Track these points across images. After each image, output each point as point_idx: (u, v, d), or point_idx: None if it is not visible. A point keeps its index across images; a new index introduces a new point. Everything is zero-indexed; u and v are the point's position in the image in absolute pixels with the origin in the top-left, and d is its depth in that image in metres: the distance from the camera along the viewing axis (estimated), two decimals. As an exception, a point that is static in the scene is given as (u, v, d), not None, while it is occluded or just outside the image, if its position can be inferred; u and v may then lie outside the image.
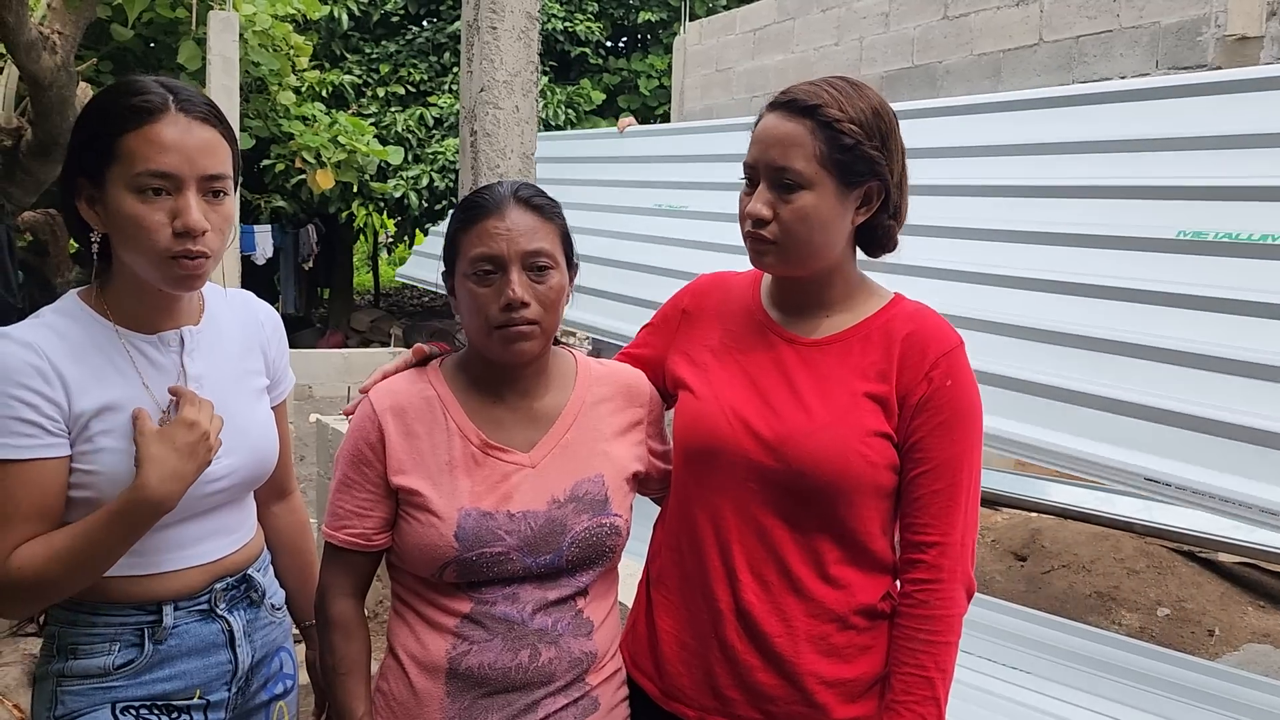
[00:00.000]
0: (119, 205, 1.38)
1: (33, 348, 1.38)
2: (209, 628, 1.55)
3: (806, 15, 8.51)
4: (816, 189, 1.45)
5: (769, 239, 1.47)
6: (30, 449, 1.36)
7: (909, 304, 1.56)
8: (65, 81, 5.76)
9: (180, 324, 1.54)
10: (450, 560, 1.45)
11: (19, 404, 1.35)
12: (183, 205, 1.37)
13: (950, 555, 1.47)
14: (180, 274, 1.40)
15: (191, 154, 1.38)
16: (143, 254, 1.39)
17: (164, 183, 1.37)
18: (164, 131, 1.37)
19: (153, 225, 1.37)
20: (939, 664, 1.46)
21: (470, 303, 1.47)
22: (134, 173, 1.36)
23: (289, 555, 1.83)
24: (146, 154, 1.36)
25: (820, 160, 1.44)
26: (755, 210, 1.46)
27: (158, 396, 1.48)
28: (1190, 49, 5.70)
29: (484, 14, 3.23)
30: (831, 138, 1.43)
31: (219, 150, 1.42)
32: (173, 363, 1.51)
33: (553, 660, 1.49)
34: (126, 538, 1.38)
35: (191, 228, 1.37)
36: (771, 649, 1.50)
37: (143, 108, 1.37)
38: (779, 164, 1.45)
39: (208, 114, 1.42)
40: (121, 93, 1.40)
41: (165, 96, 1.39)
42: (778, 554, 1.50)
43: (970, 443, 1.49)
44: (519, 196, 1.49)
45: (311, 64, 11.77)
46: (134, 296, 1.48)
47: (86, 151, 1.40)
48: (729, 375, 1.57)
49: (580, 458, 1.54)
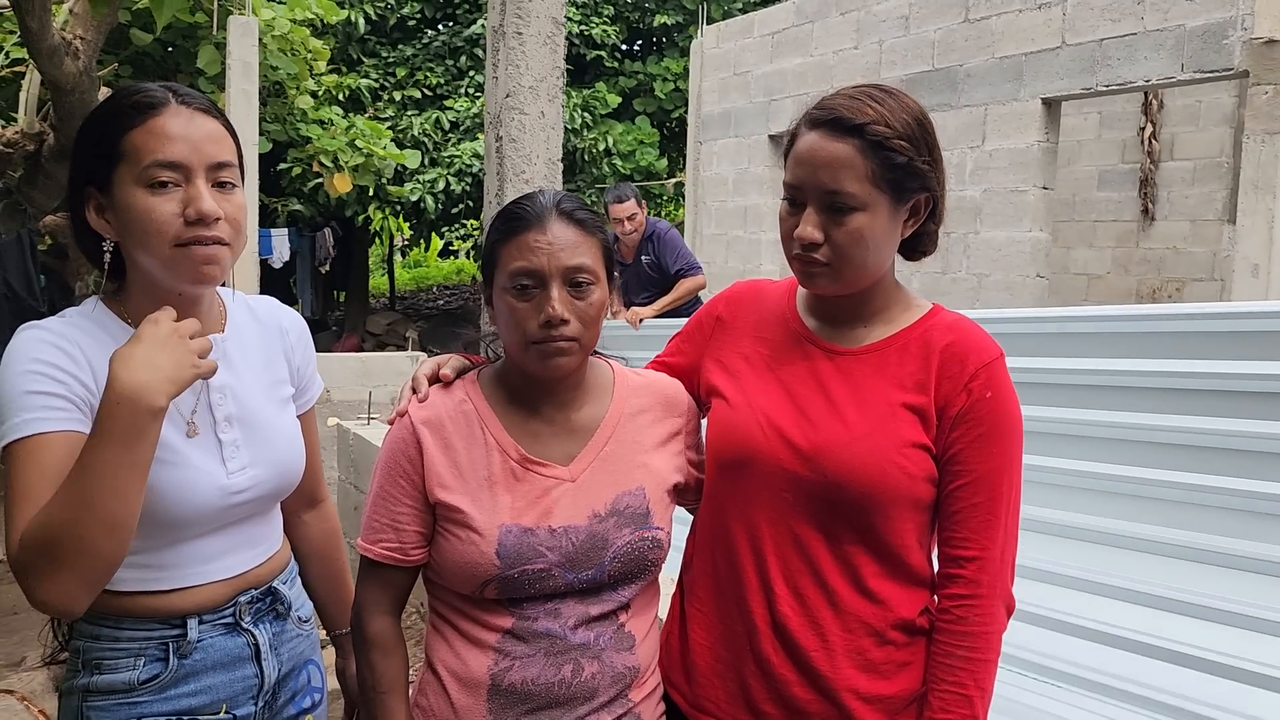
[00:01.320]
0: (129, 202, 1.36)
1: (60, 334, 1.37)
2: (234, 641, 1.53)
3: (825, 19, 8.48)
4: (870, 210, 1.41)
5: (821, 261, 1.44)
6: (57, 421, 1.31)
7: (948, 314, 1.54)
8: (87, 86, 5.78)
9: (204, 333, 1.51)
10: (491, 578, 1.43)
11: (42, 378, 1.32)
12: (194, 193, 1.36)
13: (990, 570, 1.44)
14: (195, 262, 1.37)
15: (197, 142, 1.37)
16: (154, 250, 1.37)
17: (173, 173, 1.36)
18: (168, 123, 1.37)
19: (164, 216, 1.35)
20: (978, 682, 1.43)
21: (509, 317, 1.45)
22: (142, 166, 1.35)
23: (321, 563, 1.81)
24: (153, 146, 1.35)
25: (872, 180, 1.40)
26: (807, 235, 1.43)
27: (180, 405, 1.46)
28: (1216, 52, 5.65)
29: (509, 19, 3.22)
30: (883, 157, 1.40)
31: (224, 140, 1.42)
32: None
33: (595, 675, 1.47)
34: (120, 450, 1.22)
35: (205, 213, 1.35)
36: (808, 663, 1.47)
37: (144, 103, 1.37)
38: (830, 187, 1.41)
39: (208, 106, 1.43)
40: (120, 96, 1.41)
41: (165, 93, 1.40)
42: (814, 566, 1.47)
43: (1010, 456, 1.46)
44: (561, 209, 1.46)
45: (328, 68, 11.81)
46: (153, 304, 1.44)
47: (91, 158, 1.40)
48: (764, 384, 1.55)
49: (621, 470, 1.52)
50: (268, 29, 8.58)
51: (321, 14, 9.52)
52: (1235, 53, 5.56)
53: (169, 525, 1.44)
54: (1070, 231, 10.45)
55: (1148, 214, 10.10)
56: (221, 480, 1.47)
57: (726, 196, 9.83)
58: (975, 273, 6.92)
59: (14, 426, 1.31)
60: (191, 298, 1.47)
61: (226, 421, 1.50)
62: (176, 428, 1.45)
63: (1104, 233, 10.42)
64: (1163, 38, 5.92)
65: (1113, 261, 10.34)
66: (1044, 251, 6.76)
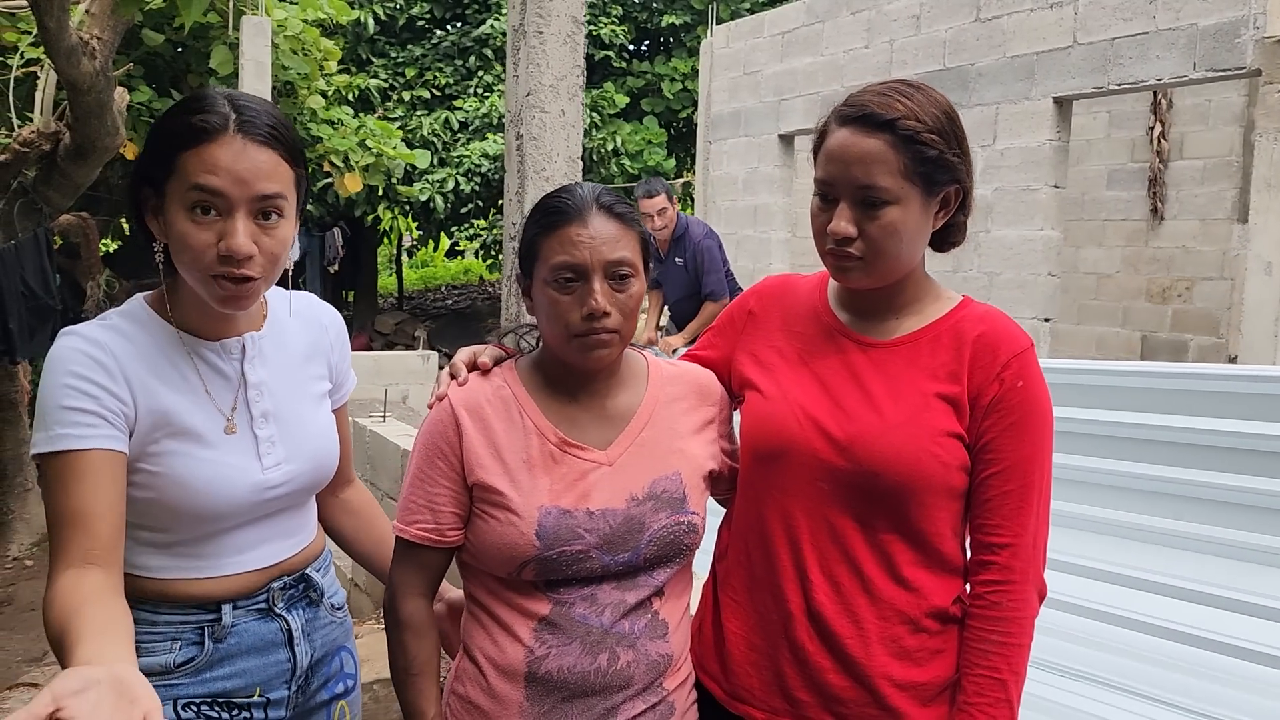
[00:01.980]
0: (173, 221, 1.38)
1: (98, 344, 1.39)
2: (267, 626, 1.56)
3: (836, 18, 8.49)
4: (902, 203, 1.44)
5: (856, 255, 1.47)
6: (90, 439, 1.35)
7: (978, 306, 1.56)
8: (103, 86, 5.81)
9: (242, 331, 1.54)
10: (530, 559, 1.45)
11: (78, 394, 1.35)
12: (229, 229, 1.37)
13: (1022, 557, 1.46)
14: (222, 295, 1.40)
15: (243, 176, 1.37)
16: (188, 271, 1.40)
17: (213, 201, 1.36)
18: (218, 154, 1.36)
19: (199, 245, 1.37)
20: (1012, 666, 1.46)
21: (551, 310, 1.47)
22: (186, 189, 1.36)
23: (369, 526, 1.83)
24: (199, 174, 1.35)
25: (905, 174, 1.43)
26: (841, 229, 1.45)
27: (219, 403, 1.49)
28: (1229, 51, 5.65)
29: (530, 18, 3.24)
30: (914, 151, 1.43)
31: (275, 173, 1.40)
32: (234, 370, 1.52)
33: (631, 664, 1.49)
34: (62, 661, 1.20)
35: (234, 251, 1.36)
36: (843, 651, 1.50)
37: (200, 127, 1.36)
38: (863, 182, 1.43)
39: (268, 136, 1.40)
40: (186, 109, 1.40)
41: (227, 117, 1.37)
42: (849, 555, 1.50)
43: (1041, 444, 1.49)
44: (601, 203, 1.48)
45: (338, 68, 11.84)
46: (196, 304, 1.48)
47: (151, 163, 1.41)
48: (797, 376, 1.57)
49: (658, 455, 1.54)
50: (280, 29, 8.60)
51: (334, 14, 9.55)
52: (1248, 52, 5.56)
53: (206, 519, 1.47)
54: (1079, 231, 10.44)
55: (1157, 213, 10.08)
56: (257, 476, 1.50)
57: (736, 196, 9.85)
58: (986, 271, 6.93)
59: (49, 439, 1.35)
60: None
61: (263, 417, 1.53)
62: (216, 424, 1.48)
63: (1113, 232, 10.42)
64: (1175, 37, 5.92)
65: (1122, 261, 10.33)
66: (1055, 250, 6.77)
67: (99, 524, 1.34)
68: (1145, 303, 10.16)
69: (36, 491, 6.86)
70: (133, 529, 1.43)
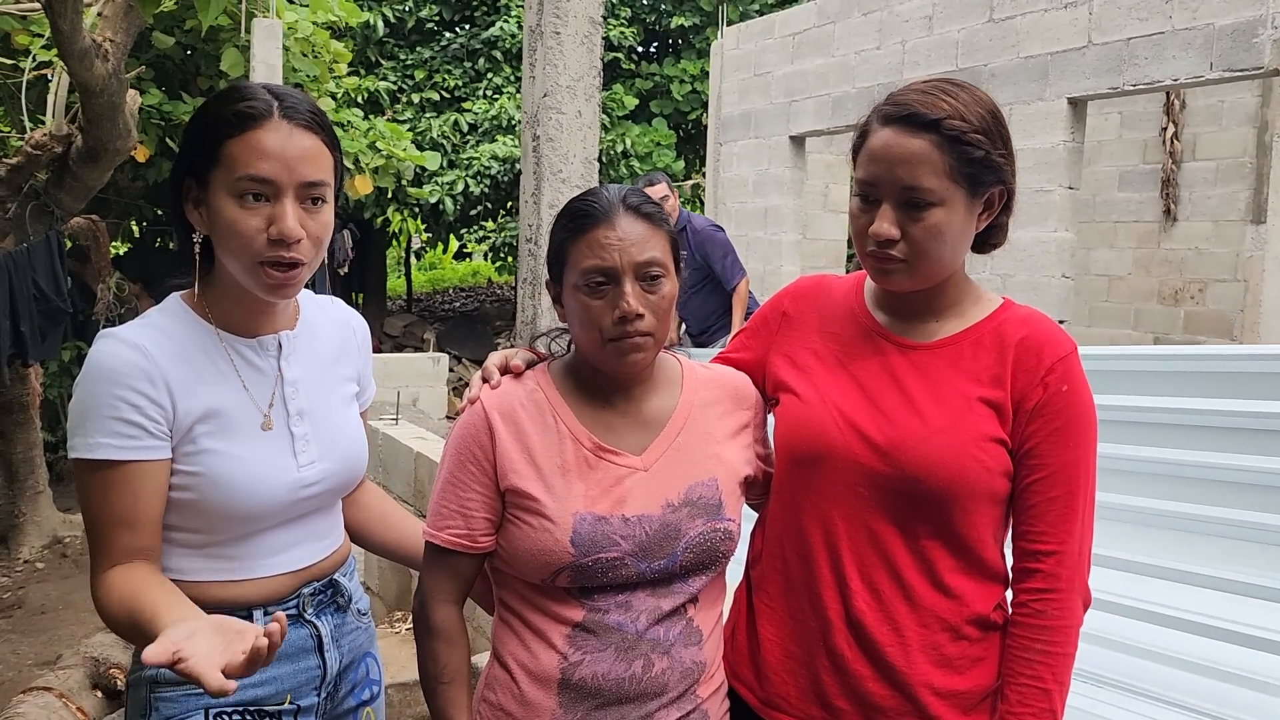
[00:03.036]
0: (219, 209, 1.39)
1: (139, 349, 1.39)
2: (298, 633, 1.55)
3: (847, 19, 8.46)
4: (947, 205, 1.41)
5: (898, 258, 1.44)
6: (132, 450, 1.37)
7: (1020, 308, 1.53)
8: (116, 89, 5.80)
9: (278, 329, 1.55)
10: (565, 566, 1.43)
11: (123, 404, 1.36)
12: (279, 212, 1.39)
13: (1068, 565, 1.43)
14: (271, 282, 1.41)
15: (291, 161, 1.39)
16: (237, 259, 1.41)
17: (262, 188, 1.38)
18: (265, 138, 1.38)
19: (248, 231, 1.38)
20: (1056, 676, 1.43)
21: (583, 314, 1.45)
22: (234, 178, 1.38)
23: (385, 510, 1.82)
24: (246, 160, 1.37)
25: (950, 175, 1.40)
26: (884, 231, 1.42)
27: (258, 399, 1.49)
28: (1246, 51, 5.61)
29: (547, 19, 3.22)
30: (960, 151, 1.40)
31: (319, 158, 1.43)
32: (271, 367, 1.52)
33: (665, 671, 1.47)
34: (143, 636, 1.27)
35: (285, 234, 1.38)
36: (883, 658, 1.47)
37: (246, 114, 1.39)
38: (907, 183, 1.40)
39: (310, 121, 1.43)
40: (228, 99, 1.42)
41: (270, 103, 1.40)
42: (890, 561, 1.47)
43: (1086, 449, 1.46)
44: (628, 204, 1.46)
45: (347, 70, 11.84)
46: (233, 300, 1.49)
47: (193, 154, 1.42)
48: (835, 379, 1.54)
49: (693, 460, 1.52)
50: (291, 31, 8.60)
51: (344, 16, 9.54)
52: (1265, 51, 5.52)
53: (242, 518, 1.47)
54: (1091, 232, 10.39)
55: (1169, 214, 10.04)
56: (293, 474, 1.50)
57: (747, 198, 9.82)
58: (999, 273, 6.89)
59: (87, 445, 1.37)
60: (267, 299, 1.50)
61: (298, 415, 1.53)
62: (253, 420, 1.48)
63: (1125, 233, 10.37)
64: (1191, 36, 5.88)
65: (1134, 262, 10.29)
66: (1069, 252, 6.73)
67: (141, 529, 1.38)
68: (1157, 305, 10.11)
69: (48, 494, 6.86)
70: (167, 531, 1.44)
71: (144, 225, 12.91)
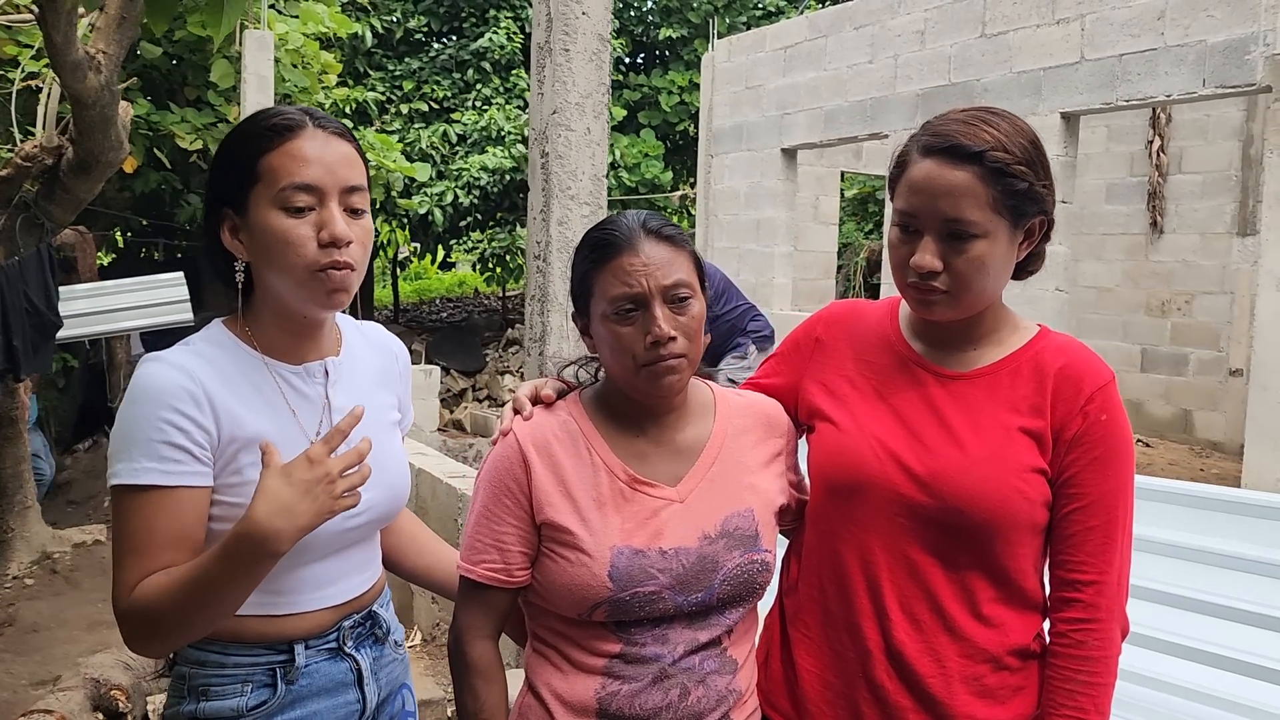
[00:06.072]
0: (265, 224, 1.38)
1: (187, 372, 1.36)
2: (338, 666, 1.52)
3: (839, 33, 8.50)
4: (990, 236, 1.41)
5: (940, 289, 1.43)
6: (177, 475, 1.33)
7: (1057, 336, 1.53)
8: (108, 100, 5.76)
9: (323, 355, 1.53)
10: (603, 600, 1.41)
11: (170, 428, 1.33)
12: (327, 216, 1.38)
13: (1107, 594, 1.43)
14: (328, 287, 1.39)
15: (332, 165, 1.39)
16: (290, 271, 1.39)
17: (308, 196, 1.38)
18: (304, 145, 1.38)
19: (299, 239, 1.37)
20: (1097, 706, 1.42)
21: (614, 343, 1.43)
22: (278, 188, 1.37)
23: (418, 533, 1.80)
24: (290, 168, 1.37)
25: (994, 207, 1.40)
26: (926, 263, 1.42)
27: (306, 427, 1.47)
28: (1238, 68, 5.67)
29: (556, 36, 3.21)
30: (1004, 184, 1.39)
31: (356, 163, 1.44)
32: (318, 394, 1.50)
33: (701, 699, 1.45)
34: (236, 575, 1.29)
35: (338, 236, 1.37)
36: (924, 690, 1.46)
37: (282, 125, 1.39)
38: (950, 215, 1.40)
39: (342, 130, 1.44)
40: (260, 118, 1.42)
41: (302, 116, 1.41)
42: (930, 592, 1.46)
43: (1125, 478, 1.46)
44: (648, 228, 1.46)
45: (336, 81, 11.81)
46: (278, 327, 1.47)
47: (228, 179, 1.41)
48: (872, 409, 1.54)
49: (729, 491, 1.51)
50: (282, 42, 8.57)
51: (334, 27, 9.52)
52: (1258, 68, 5.57)
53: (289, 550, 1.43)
54: (1079, 244, 10.46)
55: (1156, 227, 10.12)
56: None
57: (739, 210, 9.83)
58: (993, 286, 6.93)
59: (131, 471, 1.33)
60: (315, 321, 1.48)
61: (345, 444, 1.49)
62: (301, 448, 1.44)
63: (1113, 246, 10.44)
64: (1184, 53, 5.93)
65: (1122, 274, 10.36)
66: (1063, 265, 6.78)
67: (180, 552, 1.34)
68: (1145, 316, 10.19)
69: (36, 509, 6.78)
70: None
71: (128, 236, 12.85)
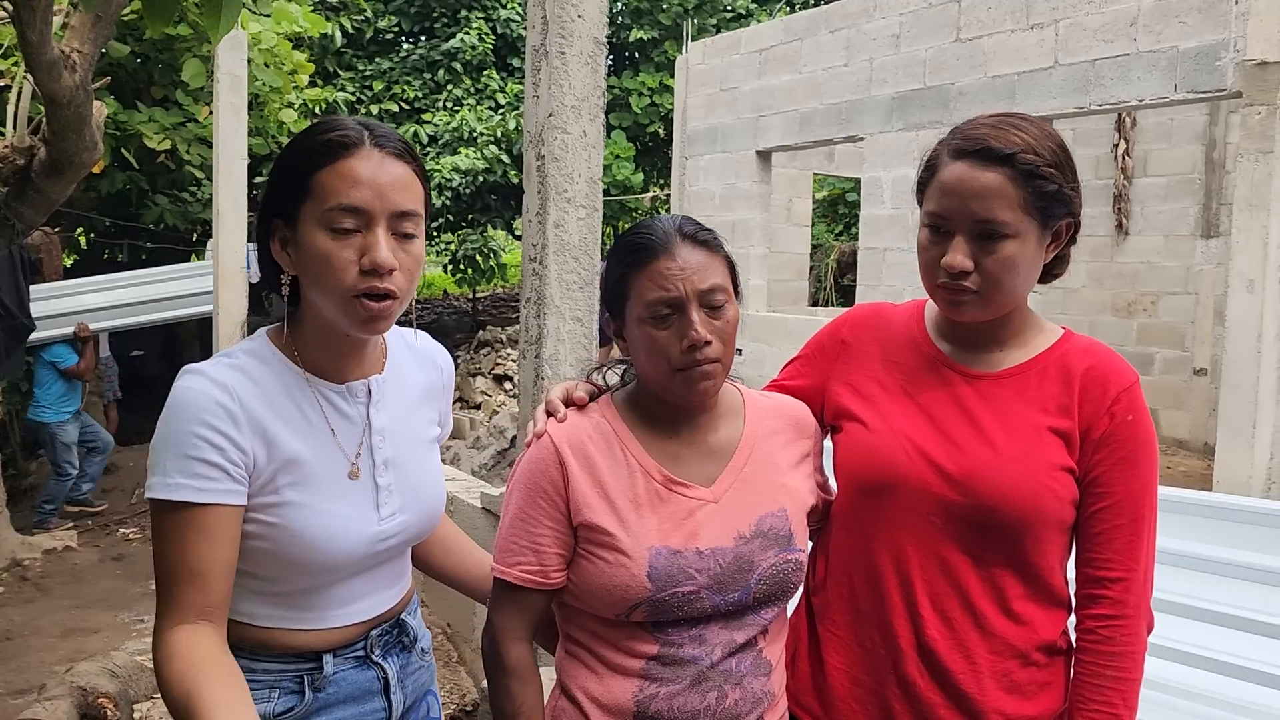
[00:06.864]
0: (310, 242, 1.35)
1: (227, 389, 1.34)
2: (365, 674, 1.52)
3: (814, 36, 8.56)
4: (1021, 237, 1.44)
5: (971, 289, 1.46)
6: (211, 493, 1.31)
7: (1081, 338, 1.56)
8: (83, 100, 5.68)
9: (367, 373, 1.50)
10: (642, 601, 1.42)
11: (205, 444, 1.31)
12: (371, 242, 1.34)
13: (1134, 591, 1.46)
14: (364, 315, 1.36)
15: (383, 189, 1.35)
16: (328, 293, 1.36)
17: (355, 219, 1.34)
18: (357, 166, 1.34)
19: (340, 262, 1.33)
20: (1126, 701, 1.45)
21: (650, 346, 1.44)
22: (325, 208, 1.34)
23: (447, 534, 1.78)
24: (339, 188, 1.33)
25: (1024, 208, 1.43)
26: (957, 263, 1.44)
27: (345, 448, 1.45)
28: (1210, 73, 5.78)
29: (552, 39, 3.22)
30: (1034, 186, 1.42)
31: (411, 187, 1.39)
32: (359, 414, 1.48)
33: (738, 702, 1.47)
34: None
35: (380, 264, 1.33)
36: (955, 686, 1.48)
37: (338, 143, 1.35)
38: (982, 216, 1.43)
39: (401, 150, 1.39)
40: (319, 130, 1.38)
41: (361, 132, 1.37)
42: (961, 589, 1.48)
43: (1150, 478, 1.49)
44: (684, 233, 1.47)
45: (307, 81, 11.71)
46: (322, 343, 1.44)
47: (282, 190, 1.38)
48: (901, 408, 1.56)
49: (762, 491, 1.52)
50: (255, 42, 8.49)
51: (308, 27, 9.44)
52: (1228, 74, 5.69)
53: (318, 570, 1.43)
54: (1047, 246, 10.60)
55: (1122, 229, 10.29)
56: (374, 526, 1.47)
57: (713, 211, 9.87)
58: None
59: (164, 485, 1.31)
60: (358, 340, 1.46)
61: (384, 465, 1.49)
62: (340, 469, 1.44)
63: (1079, 247, 10.34)
64: (1156, 59, 6.05)
65: (1088, 275, 10.52)
66: (1036, 267, 6.87)
67: (214, 580, 1.32)
68: (1111, 317, 10.36)
69: (5, 515, 6.67)
70: (241, 575, 1.39)
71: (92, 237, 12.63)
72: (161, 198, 10.70)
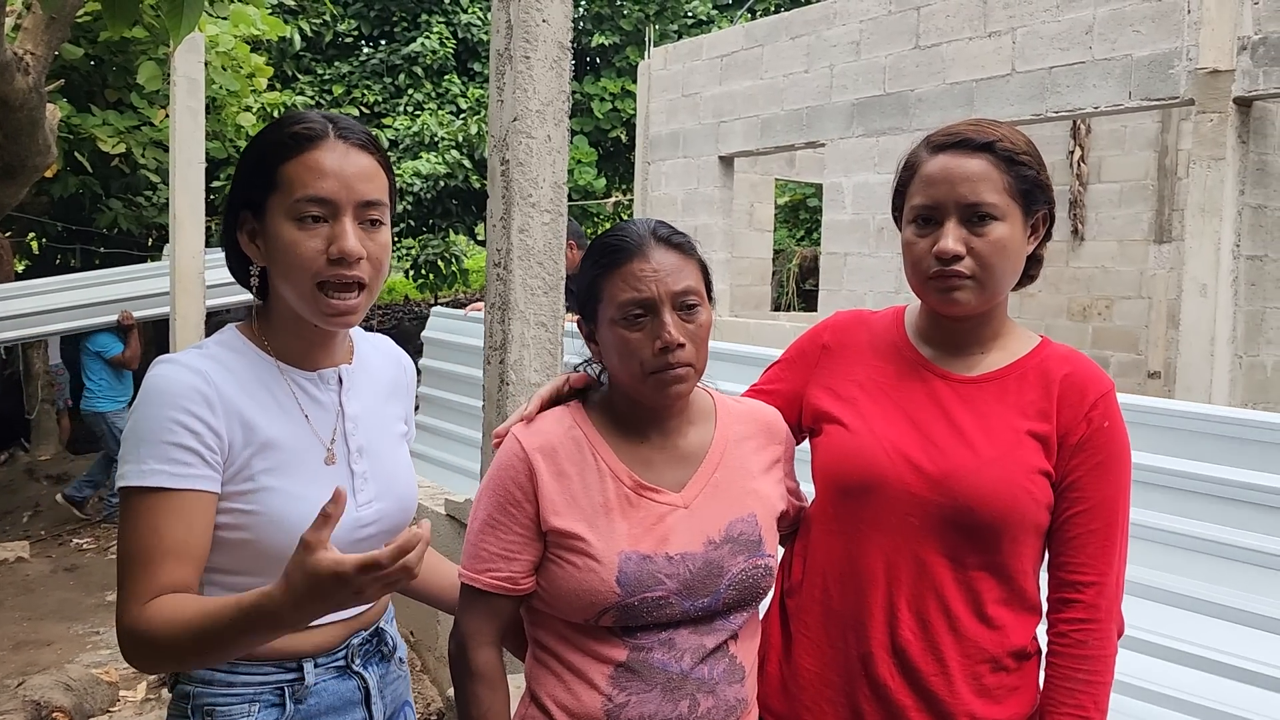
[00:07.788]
0: (278, 233, 1.37)
1: (202, 374, 1.35)
2: (346, 684, 1.51)
3: (775, 42, 8.61)
4: (1008, 220, 1.47)
5: (965, 274, 1.48)
6: (187, 479, 1.31)
7: (1059, 346, 1.59)
8: (36, 103, 5.59)
9: (336, 362, 1.51)
10: (611, 605, 1.42)
11: (180, 429, 1.31)
12: (338, 231, 1.37)
13: (1106, 595, 1.48)
14: (331, 308, 1.38)
15: (349, 180, 1.37)
16: (296, 284, 1.38)
17: (321, 209, 1.36)
18: (323, 158, 1.37)
19: (308, 252, 1.36)
20: (1098, 704, 1.47)
21: (622, 348, 1.45)
22: (293, 199, 1.36)
23: None
24: (305, 180, 1.36)
25: (1009, 192, 1.47)
26: (950, 247, 1.46)
27: (320, 433, 1.45)
28: (1163, 81, 5.89)
29: (516, 43, 3.20)
30: (1016, 170, 1.47)
31: (376, 177, 1.42)
32: (332, 401, 1.49)
33: (711, 710, 1.46)
34: (246, 637, 1.25)
35: (346, 252, 1.36)
36: (926, 688, 1.49)
37: (303, 135, 1.37)
38: (970, 199, 1.46)
39: (366, 142, 1.42)
40: (284, 123, 1.40)
41: (325, 125, 1.39)
42: (938, 591, 1.49)
43: (1124, 484, 1.52)
44: (658, 235, 1.48)
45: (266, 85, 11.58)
46: (292, 333, 1.45)
47: (249, 183, 1.40)
48: (882, 410, 1.57)
49: (732, 497, 1.53)
50: (212, 45, 8.37)
51: (266, 30, 9.33)
52: (1181, 82, 5.81)
53: None
54: (1005, 251, 10.73)
55: (1077, 234, 10.45)
56: (352, 513, 1.45)
57: (676, 216, 9.89)
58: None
59: (139, 472, 1.30)
60: (327, 330, 1.46)
61: (358, 452, 1.50)
62: (316, 454, 1.44)
63: (1037, 252, 10.72)
64: (1110, 67, 6.15)
65: (1043, 280, 10.58)
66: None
67: (189, 563, 1.31)
68: (1067, 321, 10.50)
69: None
70: (218, 576, 1.38)
71: (44, 242, 12.40)
72: (115, 202, 10.52)
